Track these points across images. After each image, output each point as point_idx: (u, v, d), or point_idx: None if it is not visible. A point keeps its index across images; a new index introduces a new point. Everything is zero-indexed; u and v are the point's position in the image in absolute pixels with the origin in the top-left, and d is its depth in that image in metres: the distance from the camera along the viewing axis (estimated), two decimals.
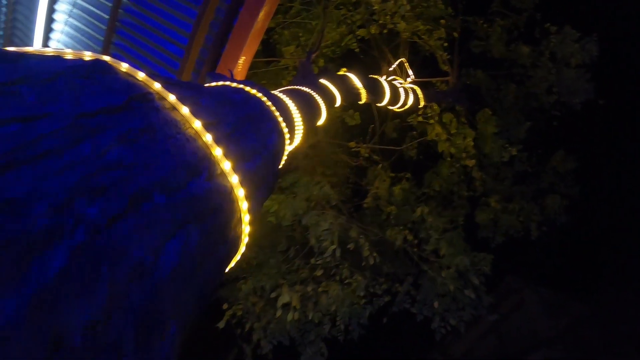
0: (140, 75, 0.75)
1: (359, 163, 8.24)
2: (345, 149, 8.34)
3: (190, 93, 0.92)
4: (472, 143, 6.73)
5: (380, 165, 7.82)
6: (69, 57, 0.69)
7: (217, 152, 0.81)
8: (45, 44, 5.65)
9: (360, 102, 4.90)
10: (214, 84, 1.80)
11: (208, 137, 0.79)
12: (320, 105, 3.37)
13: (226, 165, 0.82)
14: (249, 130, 1.18)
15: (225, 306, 5.83)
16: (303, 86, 3.37)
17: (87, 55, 0.72)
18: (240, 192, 0.86)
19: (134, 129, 0.61)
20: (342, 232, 5.44)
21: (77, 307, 0.37)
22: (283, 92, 2.84)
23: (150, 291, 0.49)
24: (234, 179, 0.83)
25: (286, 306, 5.32)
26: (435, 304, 5.91)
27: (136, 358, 0.44)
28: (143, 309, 0.46)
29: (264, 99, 1.75)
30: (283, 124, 1.82)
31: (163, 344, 0.51)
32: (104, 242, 0.44)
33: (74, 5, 5.03)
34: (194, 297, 0.63)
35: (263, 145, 1.28)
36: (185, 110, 0.77)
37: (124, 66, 0.74)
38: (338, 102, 4.10)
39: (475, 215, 7.48)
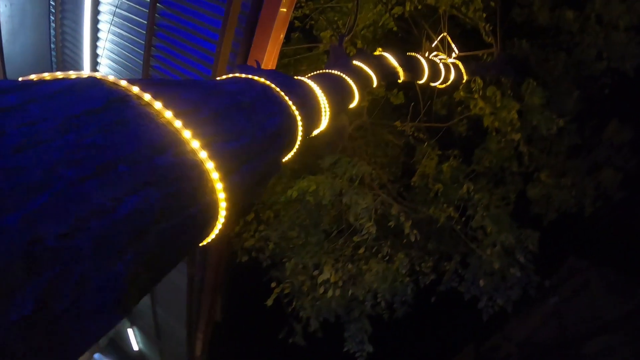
0: (122, 83, 1.01)
1: (405, 142, 8.35)
2: (392, 129, 8.48)
3: (170, 89, 1.17)
4: (516, 116, 6.64)
5: (426, 144, 7.88)
6: (72, 77, 0.96)
7: (186, 134, 1.06)
8: (93, 51, 6.27)
9: (399, 81, 4.96)
10: (224, 77, 2.06)
11: (177, 123, 1.05)
12: (352, 87, 3.48)
13: (194, 144, 1.07)
14: (236, 114, 1.43)
15: (273, 284, 6.25)
16: (335, 69, 3.48)
17: (84, 75, 1.00)
18: (209, 165, 1.11)
19: (109, 122, 0.88)
20: (383, 209, 5.64)
21: (53, 223, 0.66)
22: (311, 77, 3.00)
23: (107, 224, 0.75)
24: (202, 154, 1.09)
25: (328, 283, 5.63)
26: (481, 282, 5.94)
27: (94, 269, 0.73)
28: (101, 234, 0.73)
29: (272, 85, 1.99)
30: (293, 107, 2.05)
31: (120, 265, 0.78)
32: (74, 191, 0.71)
33: (115, 14, 5.56)
34: (160, 239, 0.90)
35: (257, 127, 1.53)
36: (157, 104, 1.03)
37: (110, 78, 1.01)
38: (375, 83, 4.18)
39: (527, 191, 7.40)
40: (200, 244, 1.29)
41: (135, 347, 14.52)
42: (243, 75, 2.08)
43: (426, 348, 12.80)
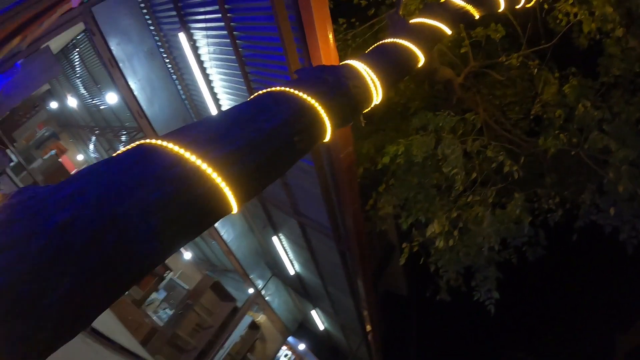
0: (150, 140, 1.99)
1: (517, 75, 8.15)
2: (501, 66, 8.36)
3: (181, 132, 2.10)
4: (610, 9, 6.16)
5: (535, 70, 7.62)
6: (117, 153, 1.95)
7: (187, 154, 1.98)
8: (210, 90, 7.75)
9: (476, 19, 4.89)
10: (253, 95, 2.95)
11: (180, 150, 1.98)
12: (410, 50, 3.78)
13: (192, 157, 1.98)
14: (232, 129, 2.29)
15: (404, 245, 6.86)
16: (390, 37, 3.77)
17: (128, 147, 1.99)
18: (203, 166, 2.00)
19: (137, 161, 1.85)
20: (482, 154, 5.77)
21: (133, 208, 1.64)
22: (362, 55, 3.48)
23: (145, 205, 1.72)
24: (198, 162, 1.98)
25: (440, 235, 5.97)
26: (611, 211, 5.56)
27: (139, 222, 1.68)
28: (144, 208, 1.70)
29: (286, 88, 2.78)
30: (309, 99, 2.81)
31: (153, 221, 1.73)
32: (136, 195, 1.70)
33: (212, 59, 6.96)
34: (178, 211, 1.81)
35: (253, 131, 2.36)
36: (166, 143, 1.97)
37: (146, 141, 1.98)
38: (447, 32, 4.32)
39: None
40: (212, 223, 2.15)
41: (321, 327, 16.07)
42: (262, 91, 2.95)
43: (564, 292, 12.22)
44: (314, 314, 15.14)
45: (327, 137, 2.92)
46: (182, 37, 6.88)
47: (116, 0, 4.06)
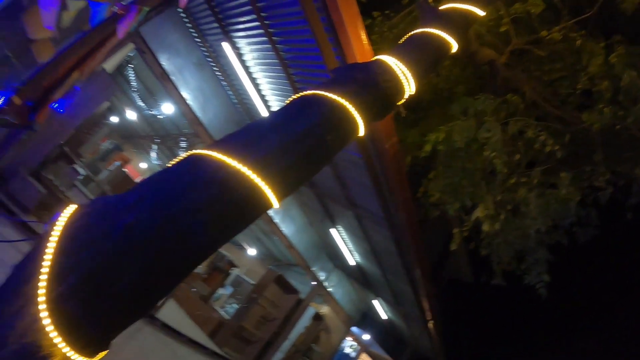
0: (197, 151, 2.31)
1: (558, 49, 7.91)
2: (545, 42, 8.14)
3: (223, 142, 2.40)
4: None
5: (579, 41, 7.37)
6: (171, 163, 2.28)
7: (228, 160, 2.29)
8: (259, 92, 8.14)
9: None
10: (288, 100, 3.23)
11: (221, 157, 2.28)
12: (440, 37, 3.89)
13: (233, 162, 2.28)
14: (265, 134, 2.58)
15: (454, 230, 6.90)
16: (420, 28, 3.90)
17: (180, 157, 2.32)
18: (243, 169, 2.30)
19: (188, 169, 2.18)
20: (521, 135, 5.71)
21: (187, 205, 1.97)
22: (392, 50, 3.63)
23: (197, 209, 2.04)
24: (239, 166, 2.29)
25: (485, 219, 5.97)
26: None
27: (190, 216, 2.00)
28: (199, 208, 2.03)
29: (316, 91, 3.05)
30: (338, 99, 3.06)
31: (201, 217, 2.05)
32: (191, 199, 2.03)
33: (257, 64, 7.33)
34: (221, 212, 2.15)
35: (285, 134, 2.64)
36: (210, 152, 2.28)
37: (194, 152, 2.30)
38: (480, 13, 4.41)
39: None
40: (255, 217, 2.45)
41: (384, 316, 16.17)
42: (295, 96, 3.21)
43: (617, 273, 11.60)
44: (376, 303, 15.30)
45: (361, 132, 3.14)
46: (226, 46, 7.31)
47: (161, 18, 4.46)
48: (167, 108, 12.66)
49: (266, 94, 8.17)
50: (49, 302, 1.69)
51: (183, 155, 2.35)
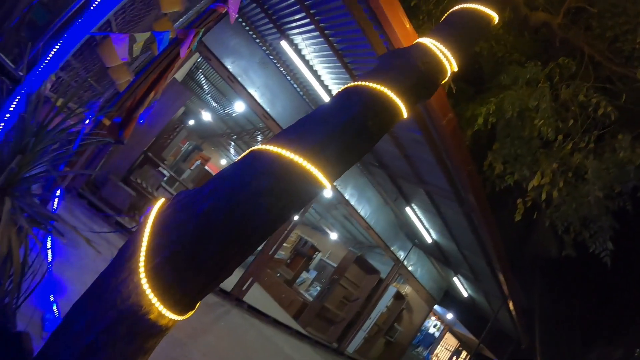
0: (258, 147, 2.75)
1: (620, 1, 7.50)
2: None
3: (279, 136, 2.81)
4: None
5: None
6: (237, 159, 2.73)
7: (282, 152, 2.70)
8: (319, 80, 8.56)
9: None
10: (338, 91, 3.59)
11: (279, 150, 2.71)
12: (478, 11, 3.99)
13: (287, 153, 2.70)
14: (314, 126, 2.96)
15: (518, 201, 6.91)
16: (461, 3, 4.03)
17: (244, 154, 2.77)
18: (296, 158, 2.72)
19: (250, 163, 2.63)
20: (571, 100, 5.63)
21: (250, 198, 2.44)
22: (431, 32, 3.81)
23: (252, 196, 2.49)
24: (292, 156, 2.70)
25: (546, 187, 5.90)
26: None
27: (252, 205, 2.46)
28: (256, 200, 2.48)
29: (358, 82, 3.40)
30: (378, 87, 3.37)
31: (261, 202, 2.50)
32: (251, 190, 2.50)
33: (315, 57, 7.76)
34: (278, 195, 2.59)
35: (332, 124, 3.00)
36: (267, 147, 2.70)
37: (255, 147, 2.75)
38: None
39: None
40: (311, 198, 2.86)
41: (465, 294, 16.18)
42: (341, 89, 3.55)
43: None
44: (456, 280, 15.35)
45: (405, 115, 3.45)
46: (284, 44, 7.78)
47: (220, 26, 4.92)
48: (239, 106, 13.42)
49: (328, 84, 8.57)
50: (147, 272, 2.24)
51: (246, 152, 2.83)
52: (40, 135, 2.61)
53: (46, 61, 3.14)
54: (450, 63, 3.74)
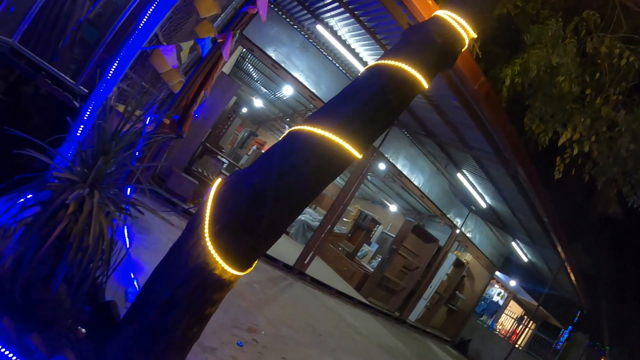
0: (295, 127, 3.22)
1: None
2: None
3: (313, 116, 3.25)
4: None
5: None
6: (279, 140, 3.23)
7: (314, 129, 3.11)
8: (356, 55, 8.95)
9: None
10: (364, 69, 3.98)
11: (310, 128, 3.14)
12: None
13: (318, 130, 3.12)
14: (341, 103, 3.38)
15: (557, 159, 6.89)
16: None
17: (284, 134, 3.26)
18: (327, 134, 3.13)
19: (289, 141, 3.13)
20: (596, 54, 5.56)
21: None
22: (447, 3, 4.09)
23: (291, 168, 3.00)
24: (323, 132, 3.12)
25: (577, 142, 5.88)
26: None
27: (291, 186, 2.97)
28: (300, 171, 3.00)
29: (380, 61, 3.77)
30: (397, 64, 3.69)
31: (300, 176, 2.99)
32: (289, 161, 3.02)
33: (350, 36, 8.13)
34: (313, 169, 3.05)
35: (357, 100, 3.39)
36: (302, 126, 3.13)
37: (293, 128, 3.22)
38: None
39: None
40: (343, 167, 3.29)
41: (525, 259, 16.00)
42: (363, 69, 3.94)
43: None
44: (515, 246, 15.28)
45: (426, 86, 3.80)
46: (319, 27, 8.21)
47: (257, 17, 5.38)
48: (287, 90, 13.96)
49: (367, 60, 8.93)
50: (211, 237, 2.82)
51: (285, 132, 3.32)
52: (116, 139, 3.20)
53: (109, 76, 3.74)
54: (467, 31, 4.02)
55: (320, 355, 6.36)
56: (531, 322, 20.54)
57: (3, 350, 2.47)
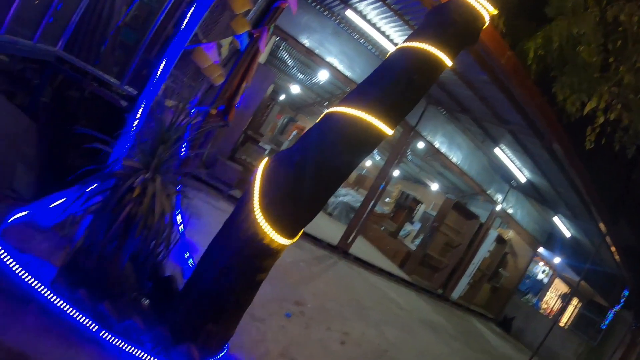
0: (330, 110, 3.56)
1: None
2: None
3: (345, 99, 3.55)
4: None
5: None
6: (317, 121, 3.57)
7: (347, 110, 3.43)
8: (389, 39, 9.17)
9: None
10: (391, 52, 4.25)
11: (344, 109, 3.47)
12: None
13: (350, 110, 3.39)
14: (368, 86, 3.68)
15: (588, 129, 6.87)
16: None
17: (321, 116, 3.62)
18: (359, 113, 3.45)
19: (325, 121, 3.48)
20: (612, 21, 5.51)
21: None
22: None
23: (327, 144, 3.36)
24: (355, 112, 3.42)
25: (602, 110, 5.86)
26: None
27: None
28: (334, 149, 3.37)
29: (405, 44, 4.06)
30: (420, 46, 3.96)
31: (338, 160, 3.34)
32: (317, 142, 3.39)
33: (380, 19, 8.38)
34: (346, 147, 3.40)
35: (385, 81, 3.64)
36: (335, 108, 3.41)
37: (328, 110, 3.57)
38: None
39: None
40: (376, 144, 3.62)
41: (567, 234, 15.62)
42: (389, 53, 4.18)
43: None
44: (557, 220, 15.05)
45: (449, 64, 4.04)
46: (349, 13, 8.48)
47: (288, 7, 5.68)
48: (323, 75, 14.23)
49: (397, 41, 9.13)
50: (261, 209, 3.22)
51: (323, 114, 3.66)
52: (172, 130, 3.62)
53: (157, 75, 4.14)
54: (485, 8, 4.14)
55: (364, 327, 6.71)
56: (577, 300, 20.23)
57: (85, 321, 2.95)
